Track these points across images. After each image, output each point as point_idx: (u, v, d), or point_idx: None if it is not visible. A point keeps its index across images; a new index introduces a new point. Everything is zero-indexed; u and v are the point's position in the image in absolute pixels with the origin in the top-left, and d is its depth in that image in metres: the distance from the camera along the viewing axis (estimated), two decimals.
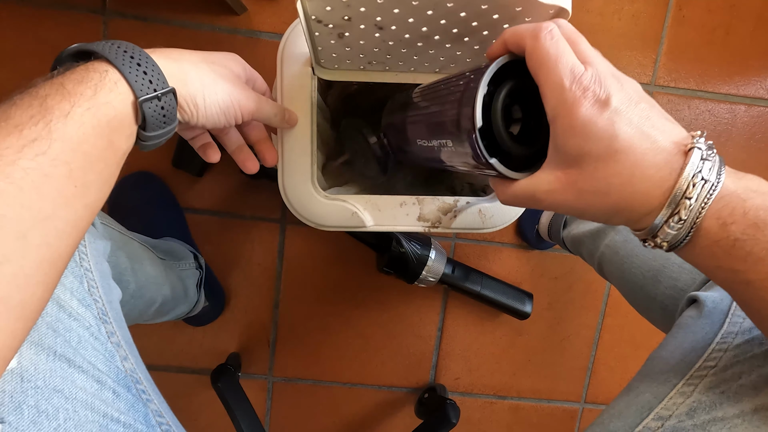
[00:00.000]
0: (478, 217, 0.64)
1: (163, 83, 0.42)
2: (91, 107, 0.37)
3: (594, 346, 1.11)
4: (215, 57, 0.51)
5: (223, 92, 0.48)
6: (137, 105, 0.40)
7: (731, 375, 0.41)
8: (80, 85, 0.37)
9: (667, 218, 0.35)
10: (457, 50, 0.55)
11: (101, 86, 0.38)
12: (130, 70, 0.40)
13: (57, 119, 0.34)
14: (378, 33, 0.51)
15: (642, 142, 0.35)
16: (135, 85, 0.40)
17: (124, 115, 0.40)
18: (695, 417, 0.41)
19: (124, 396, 0.46)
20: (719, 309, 0.47)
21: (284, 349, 1.07)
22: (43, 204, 0.33)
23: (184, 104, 0.46)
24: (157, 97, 0.41)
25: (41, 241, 0.33)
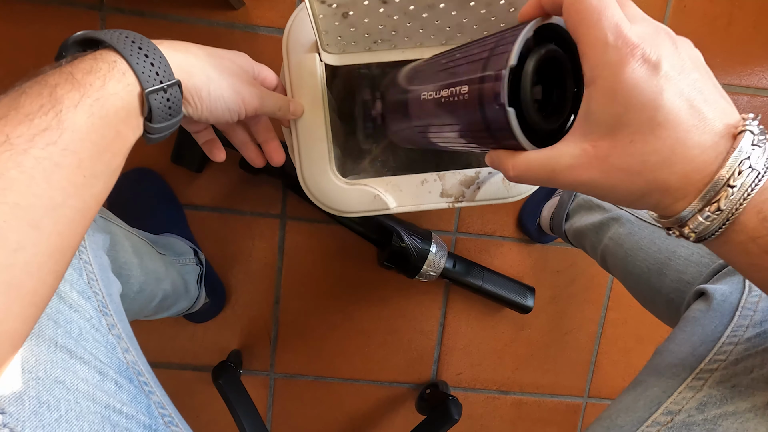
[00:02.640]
0: (503, 186, 0.62)
1: (169, 75, 0.42)
2: (99, 98, 0.37)
3: (597, 340, 1.10)
4: (223, 52, 0.51)
5: (228, 87, 0.48)
6: (143, 96, 0.40)
7: (742, 369, 0.41)
8: (89, 75, 0.37)
9: (703, 207, 0.31)
10: (463, 17, 0.54)
11: (110, 77, 0.38)
12: (137, 61, 0.40)
13: (67, 109, 0.35)
14: (382, 8, 0.50)
15: (690, 117, 0.31)
16: (142, 77, 0.40)
17: (131, 105, 0.40)
18: (705, 411, 0.40)
19: (126, 387, 0.46)
20: (729, 302, 0.46)
21: (285, 345, 1.07)
22: (54, 193, 0.34)
23: (189, 97, 0.46)
24: (163, 88, 0.41)
25: (53, 229, 0.34)
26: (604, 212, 0.78)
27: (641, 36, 0.31)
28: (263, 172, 0.92)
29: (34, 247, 0.32)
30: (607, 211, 0.77)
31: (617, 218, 0.74)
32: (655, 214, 0.36)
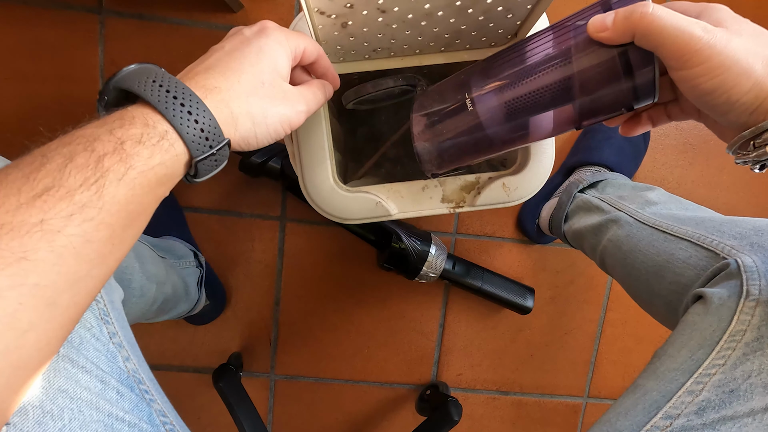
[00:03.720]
0: (503, 191, 0.63)
1: (219, 136, 0.41)
2: (144, 170, 0.36)
3: (596, 340, 1.11)
4: (259, 70, 0.45)
5: (273, 120, 0.46)
6: (192, 163, 0.40)
7: (741, 373, 0.41)
8: (138, 145, 0.36)
9: None
10: (462, 24, 0.54)
11: (158, 149, 0.37)
12: (187, 130, 0.39)
13: (110, 183, 0.34)
14: (381, 17, 0.51)
15: None
16: (192, 146, 0.39)
17: (176, 172, 0.39)
18: (704, 416, 0.41)
19: (127, 396, 0.46)
20: (726, 306, 0.46)
21: (286, 346, 1.07)
22: (80, 267, 0.33)
23: (237, 146, 0.44)
24: (213, 153, 0.40)
25: (70, 302, 0.33)
26: (603, 214, 0.78)
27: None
28: (263, 174, 0.92)
29: (47, 323, 0.32)
30: (606, 212, 0.77)
31: (616, 220, 0.74)
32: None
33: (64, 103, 0.93)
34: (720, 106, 0.40)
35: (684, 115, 0.50)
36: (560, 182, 0.99)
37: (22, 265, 0.30)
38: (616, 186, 0.85)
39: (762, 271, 0.47)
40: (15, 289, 0.30)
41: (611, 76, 0.44)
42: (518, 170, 0.63)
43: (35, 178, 0.32)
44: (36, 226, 0.31)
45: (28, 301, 0.30)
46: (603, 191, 0.86)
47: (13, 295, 0.30)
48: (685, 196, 0.76)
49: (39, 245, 0.31)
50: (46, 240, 0.31)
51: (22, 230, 0.30)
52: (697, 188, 1.05)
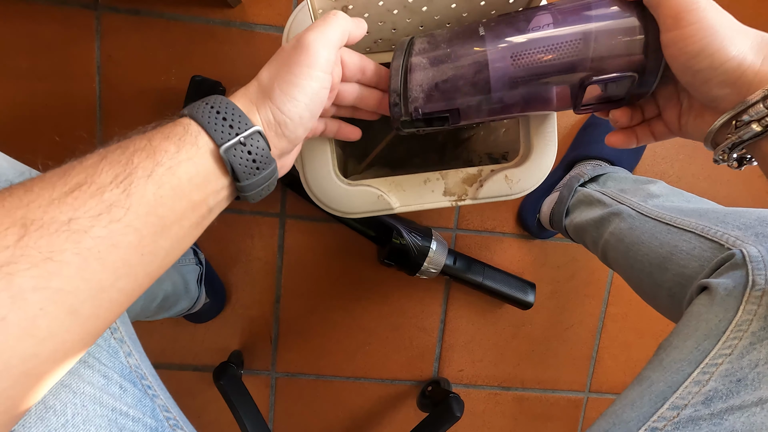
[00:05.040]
0: (505, 184, 0.62)
1: (245, 124, 0.39)
2: (172, 166, 0.35)
3: (598, 334, 1.11)
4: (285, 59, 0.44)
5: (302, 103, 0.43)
6: (220, 155, 0.38)
7: (748, 363, 0.41)
8: (165, 141, 0.36)
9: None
10: (463, 11, 0.54)
11: (183, 141, 0.37)
12: (209, 120, 0.38)
13: (138, 180, 0.33)
14: (381, 1, 0.50)
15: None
16: (215, 134, 0.38)
17: (207, 170, 0.38)
18: (712, 406, 0.40)
19: (130, 391, 0.46)
20: (733, 296, 0.46)
21: (286, 344, 1.07)
22: (104, 275, 0.32)
23: (276, 142, 0.43)
24: (241, 141, 0.39)
25: (91, 313, 0.32)
26: (605, 207, 0.78)
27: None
28: None
29: (66, 333, 0.31)
30: (607, 206, 0.77)
31: (618, 213, 0.73)
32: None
33: (60, 100, 0.92)
34: (703, 72, 0.41)
35: (667, 131, 0.51)
36: (561, 177, 0.99)
37: (48, 266, 0.29)
38: (617, 179, 0.85)
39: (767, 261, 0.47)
40: (38, 292, 0.29)
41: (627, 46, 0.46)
42: (521, 162, 0.62)
43: (70, 174, 0.32)
44: (64, 224, 0.30)
45: (49, 307, 0.30)
46: (604, 185, 0.85)
47: (36, 299, 0.29)
48: (686, 190, 0.76)
49: (65, 246, 0.30)
50: (72, 241, 0.30)
51: (51, 228, 0.30)
52: (697, 182, 1.04)
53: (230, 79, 0.93)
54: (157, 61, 0.93)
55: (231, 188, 0.41)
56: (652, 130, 0.52)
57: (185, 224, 0.37)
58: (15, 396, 0.30)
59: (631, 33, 0.45)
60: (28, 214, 0.30)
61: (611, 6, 0.46)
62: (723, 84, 0.41)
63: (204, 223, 0.40)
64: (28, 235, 0.29)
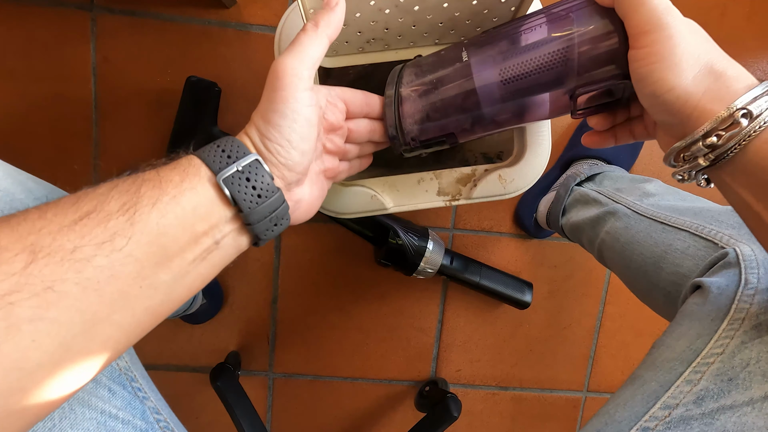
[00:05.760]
0: (499, 184, 0.62)
1: (242, 152, 0.39)
2: (176, 195, 0.36)
3: (595, 334, 1.10)
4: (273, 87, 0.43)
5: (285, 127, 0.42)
6: (219, 186, 0.38)
7: (739, 362, 0.41)
8: (171, 171, 0.37)
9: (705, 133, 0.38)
10: (455, 11, 0.54)
11: (187, 172, 0.37)
12: (209, 153, 0.38)
13: (142, 209, 0.34)
14: (372, 1, 0.50)
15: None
16: (212, 164, 0.38)
17: (210, 200, 0.37)
18: (703, 405, 0.40)
19: (120, 393, 0.46)
20: (725, 295, 0.46)
21: (284, 345, 1.07)
22: (100, 307, 0.32)
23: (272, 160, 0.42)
24: (239, 170, 0.38)
25: (83, 347, 0.32)
26: (601, 206, 0.77)
27: None
28: None
29: (55, 366, 0.31)
30: (603, 205, 0.77)
31: (613, 212, 0.73)
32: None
33: (56, 102, 0.92)
34: (647, 97, 0.41)
35: (646, 133, 0.50)
36: (557, 176, 0.98)
37: (48, 296, 0.30)
38: (613, 178, 0.85)
39: (760, 260, 0.47)
40: (33, 323, 0.29)
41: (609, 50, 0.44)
42: (514, 162, 0.62)
43: (83, 200, 0.33)
44: (69, 253, 0.31)
45: (41, 339, 0.30)
46: (600, 184, 0.85)
47: (30, 330, 0.29)
48: (682, 188, 0.76)
49: (67, 275, 0.30)
50: (74, 270, 0.30)
51: (57, 256, 0.30)
52: None
53: (226, 79, 0.92)
54: (152, 62, 0.93)
55: (238, 222, 0.40)
56: (632, 130, 0.51)
57: (188, 257, 0.37)
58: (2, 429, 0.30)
59: (611, 41, 0.44)
60: (38, 241, 0.30)
61: (590, 16, 0.45)
62: (665, 112, 0.40)
63: (211, 259, 0.39)
64: (34, 263, 0.29)
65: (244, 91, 0.95)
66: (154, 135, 0.95)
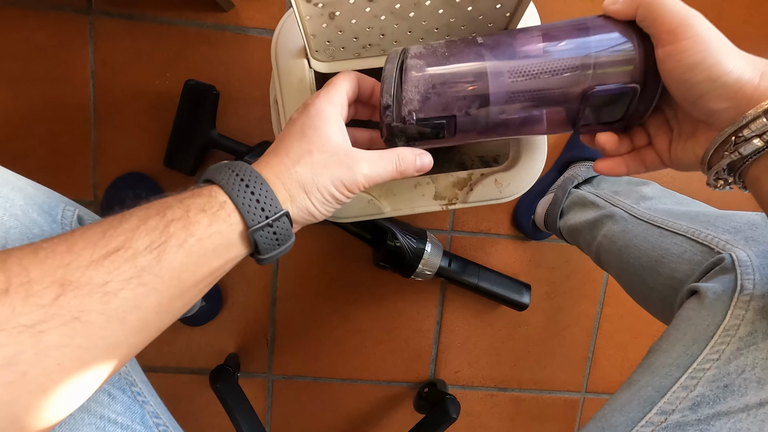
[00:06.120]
0: (495, 188, 0.63)
1: (276, 207, 0.41)
2: (202, 238, 0.37)
3: (593, 335, 1.11)
4: (306, 142, 0.44)
5: (323, 184, 0.44)
6: (248, 234, 0.40)
7: (735, 368, 0.41)
8: (201, 213, 0.38)
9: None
10: (450, 16, 0.54)
11: (217, 217, 0.38)
12: (243, 201, 0.39)
13: (170, 248, 0.35)
14: (369, 7, 0.50)
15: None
16: (247, 216, 0.39)
17: (231, 242, 0.39)
18: (699, 411, 0.41)
19: (119, 398, 0.46)
20: (721, 300, 0.46)
21: (283, 346, 1.07)
22: (121, 333, 0.34)
23: (301, 219, 0.44)
24: (269, 224, 0.40)
25: (101, 368, 0.34)
26: (598, 209, 0.78)
27: None
28: None
29: (75, 387, 0.33)
30: (601, 208, 0.77)
31: (611, 215, 0.73)
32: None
33: (54, 105, 0.93)
34: (701, 84, 0.41)
35: (659, 161, 0.50)
36: (555, 178, 0.99)
37: (75, 325, 0.31)
38: (611, 181, 0.85)
39: (756, 266, 0.47)
40: (60, 350, 0.31)
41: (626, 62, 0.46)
42: (510, 166, 0.63)
43: (111, 235, 0.34)
44: (98, 287, 0.32)
45: (66, 364, 0.31)
46: (598, 186, 0.86)
47: (56, 356, 0.31)
48: (680, 191, 0.76)
49: (95, 307, 0.32)
50: (102, 302, 0.32)
51: (85, 289, 0.32)
52: (691, 182, 1.04)
53: (224, 82, 0.93)
54: (150, 66, 0.93)
55: (248, 255, 0.42)
56: (643, 159, 0.51)
57: (201, 286, 0.39)
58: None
59: (628, 50, 0.45)
60: (67, 275, 0.32)
61: (606, 25, 0.46)
62: (721, 98, 0.41)
63: (216, 280, 0.42)
64: (64, 295, 0.31)
65: (242, 94, 0.95)
66: (152, 138, 0.95)
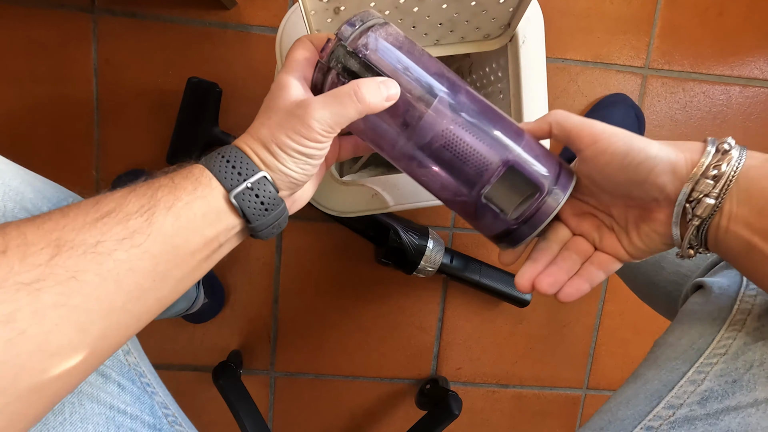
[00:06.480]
0: None
1: (251, 171, 0.41)
2: (189, 201, 0.38)
3: (595, 332, 1.11)
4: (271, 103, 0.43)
5: (284, 141, 0.41)
6: (230, 199, 0.40)
7: (743, 363, 0.41)
8: (185, 180, 0.39)
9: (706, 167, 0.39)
10: (454, 11, 0.54)
11: (199, 182, 0.40)
12: (218, 167, 0.40)
13: (159, 211, 0.37)
14: (373, 2, 0.50)
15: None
16: (224, 181, 0.40)
17: (218, 209, 0.40)
18: (707, 406, 0.41)
19: (129, 388, 0.46)
20: (727, 295, 0.46)
21: (285, 343, 1.07)
22: (117, 297, 0.35)
23: (282, 182, 0.43)
24: (248, 187, 0.40)
25: (100, 334, 0.35)
26: None
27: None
28: None
29: (74, 350, 0.33)
30: None
31: None
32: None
33: (58, 103, 0.93)
34: (644, 163, 0.40)
35: (614, 260, 0.48)
36: None
37: (71, 284, 0.32)
38: None
39: None
40: (57, 309, 0.31)
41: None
42: None
43: (102, 202, 0.36)
44: (92, 247, 0.33)
45: (63, 323, 0.32)
46: None
47: (53, 315, 0.31)
48: None
49: (89, 266, 0.33)
50: (96, 262, 0.33)
51: (80, 249, 0.33)
52: None
53: (227, 80, 0.93)
54: (153, 64, 0.93)
55: (243, 227, 0.42)
56: (600, 265, 0.49)
57: (197, 257, 0.40)
58: (19, 412, 0.31)
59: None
60: (62, 236, 0.33)
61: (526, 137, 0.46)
62: (664, 172, 0.40)
63: (214, 257, 0.42)
64: (59, 255, 0.32)
65: (244, 91, 0.95)
66: (155, 136, 0.95)
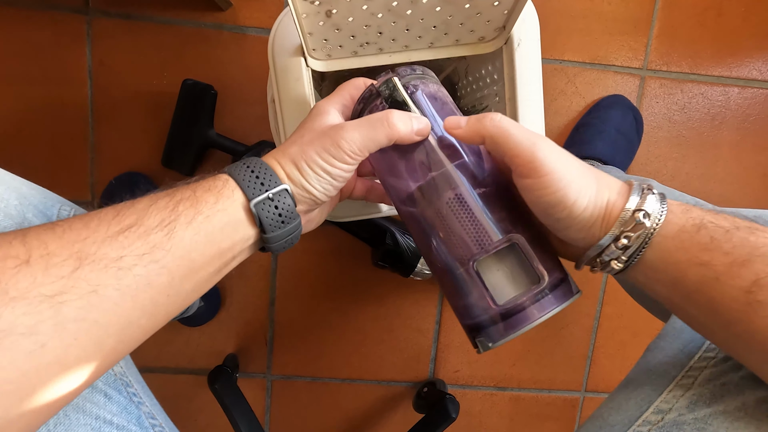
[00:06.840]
0: None
1: (275, 182, 0.41)
2: (210, 215, 0.38)
3: (593, 334, 1.10)
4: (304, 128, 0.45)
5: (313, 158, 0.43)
6: (250, 208, 0.40)
7: (731, 366, 0.41)
8: (207, 192, 0.39)
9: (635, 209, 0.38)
10: (448, 13, 0.54)
11: (221, 194, 0.40)
12: (243, 177, 0.41)
13: (180, 226, 0.37)
14: (365, 4, 0.50)
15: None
16: (247, 190, 0.40)
17: (237, 220, 0.40)
18: (696, 410, 0.40)
19: (115, 398, 0.46)
20: None
21: (282, 346, 1.07)
22: (133, 312, 0.35)
23: (301, 196, 0.44)
24: (269, 197, 0.41)
25: (112, 348, 0.35)
26: None
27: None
28: None
29: (88, 363, 0.33)
30: None
31: None
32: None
33: (52, 105, 0.93)
34: (563, 221, 0.40)
35: None
36: None
37: (92, 298, 0.32)
38: None
39: None
40: (77, 323, 0.32)
41: None
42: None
43: (124, 214, 0.36)
44: (113, 261, 0.33)
45: (81, 337, 0.32)
46: None
47: (74, 329, 0.32)
48: (680, 189, 0.76)
49: (110, 281, 0.33)
50: (116, 277, 0.33)
51: (101, 263, 0.33)
52: (691, 180, 1.04)
53: (222, 82, 0.93)
54: (148, 65, 0.93)
55: (257, 239, 0.42)
56: None
57: (210, 269, 0.40)
58: (30, 423, 0.32)
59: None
60: (84, 248, 0.33)
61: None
62: (581, 231, 0.40)
63: (224, 271, 0.42)
64: (81, 268, 0.32)
65: (240, 93, 0.95)
66: (150, 138, 0.95)
